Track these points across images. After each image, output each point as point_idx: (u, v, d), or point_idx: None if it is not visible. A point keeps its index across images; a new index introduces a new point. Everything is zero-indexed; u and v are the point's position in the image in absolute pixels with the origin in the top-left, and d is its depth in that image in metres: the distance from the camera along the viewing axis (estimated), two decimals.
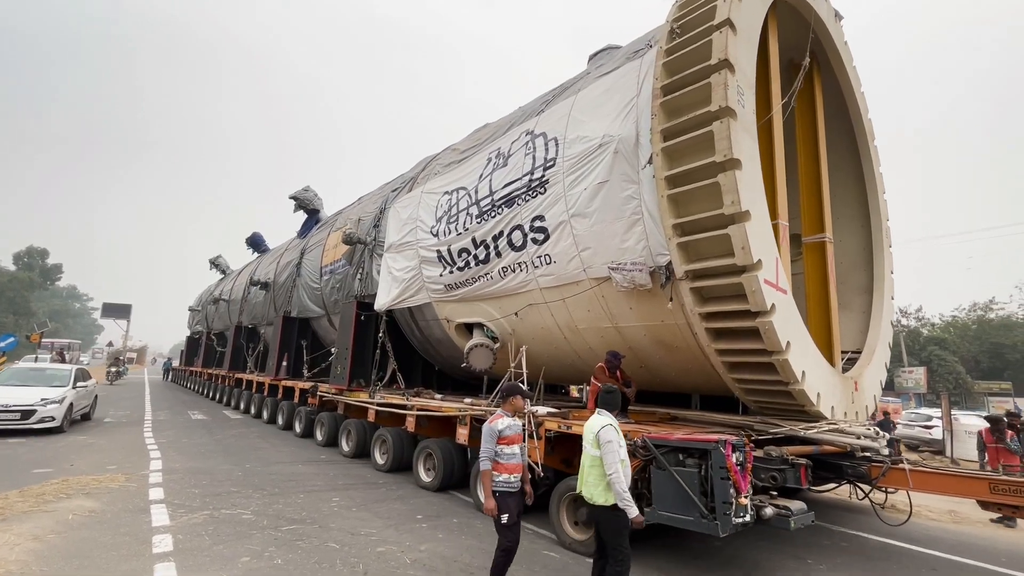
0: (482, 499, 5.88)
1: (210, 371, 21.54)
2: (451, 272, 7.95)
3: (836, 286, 6.93)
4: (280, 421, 12.45)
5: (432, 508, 6.05)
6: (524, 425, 4.58)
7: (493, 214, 7.13)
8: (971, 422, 14.37)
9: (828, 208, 7.04)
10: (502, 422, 3.86)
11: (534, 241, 6.55)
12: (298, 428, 11.39)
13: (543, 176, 6.42)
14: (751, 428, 5.19)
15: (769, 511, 3.95)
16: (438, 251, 8.17)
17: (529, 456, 5.41)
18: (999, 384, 30.08)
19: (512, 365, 6.12)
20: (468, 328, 8.53)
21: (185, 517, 5.22)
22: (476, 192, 7.55)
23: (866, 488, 5.27)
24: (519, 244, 6.77)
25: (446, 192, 8.31)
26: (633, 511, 3.33)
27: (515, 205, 6.80)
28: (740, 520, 3.74)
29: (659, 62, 5.05)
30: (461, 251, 7.71)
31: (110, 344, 43.36)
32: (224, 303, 21.59)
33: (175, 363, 35.49)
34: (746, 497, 3.78)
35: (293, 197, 15.33)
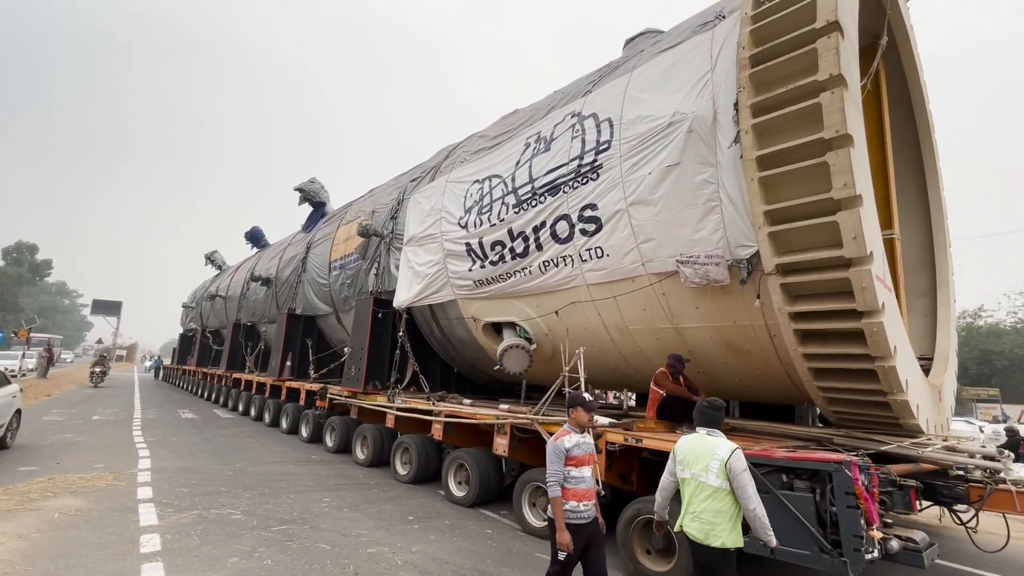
0: (531, 521, 5.32)
1: (205, 370, 20.73)
2: (482, 267, 7.32)
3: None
4: (284, 424, 11.74)
5: (424, 510, 6.00)
6: (595, 443, 3.99)
7: (534, 203, 6.52)
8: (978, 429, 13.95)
9: (895, 203, 6.52)
10: (569, 439, 3.29)
11: (583, 232, 5.95)
12: (305, 432, 10.71)
13: (595, 161, 5.83)
14: (831, 441, 4.64)
15: (895, 544, 3.36)
16: (467, 244, 7.54)
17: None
18: (987, 391, 30.14)
19: (566, 369, 5.51)
20: (495, 328, 7.92)
21: (174, 517, 5.15)
22: (513, 180, 6.94)
23: (962, 511, 4.72)
24: (564, 236, 6.17)
25: (476, 181, 7.70)
26: (774, 540, 2.81)
27: (560, 193, 6.20)
28: (869, 556, 3.16)
29: (744, 30, 4.47)
30: (494, 244, 7.10)
31: (99, 341, 42.18)
32: (221, 300, 20.79)
33: (167, 361, 34.48)
34: (878, 529, 3.21)
35: (299, 189, 14.63)
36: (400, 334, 8.57)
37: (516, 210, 6.76)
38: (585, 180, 5.92)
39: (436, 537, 5.04)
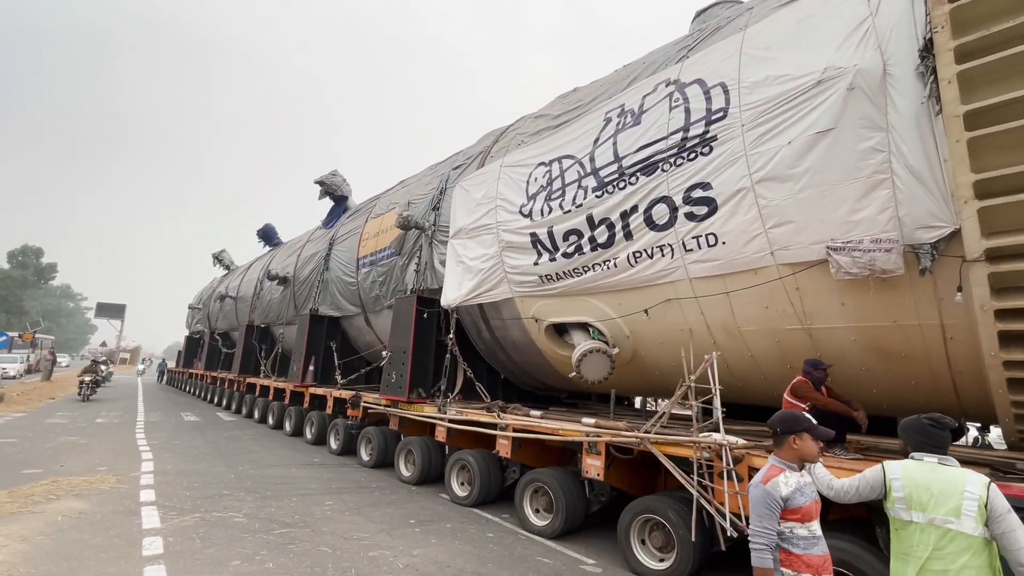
0: (644, 561, 4.35)
1: (213, 374, 19.82)
2: (552, 260, 6.44)
3: None
4: (309, 434, 10.85)
5: (425, 513, 6.04)
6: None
7: (621, 185, 5.66)
8: None
9: None
10: (786, 481, 2.41)
11: (690, 217, 5.08)
12: (334, 444, 9.81)
13: (706, 132, 4.96)
14: (1012, 468, 3.79)
15: None
16: (532, 235, 6.67)
17: (716, 500, 3.95)
18: None
19: (691, 379, 4.62)
20: (559, 330, 7.04)
21: (176, 519, 5.20)
22: (592, 160, 6.07)
23: None
24: (663, 221, 5.29)
25: (542, 163, 6.83)
26: None
27: (658, 172, 5.33)
28: None
29: None
30: (568, 233, 6.22)
31: (103, 344, 41.24)
32: (231, 300, 19.90)
33: (171, 364, 33.54)
34: None
35: (320, 182, 13.75)
36: (449, 336, 7.68)
37: (597, 194, 5.88)
38: (692, 155, 5.05)
39: (437, 540, 5.05)
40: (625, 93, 6.14)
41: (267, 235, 19.44)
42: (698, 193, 4.99)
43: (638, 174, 5.51)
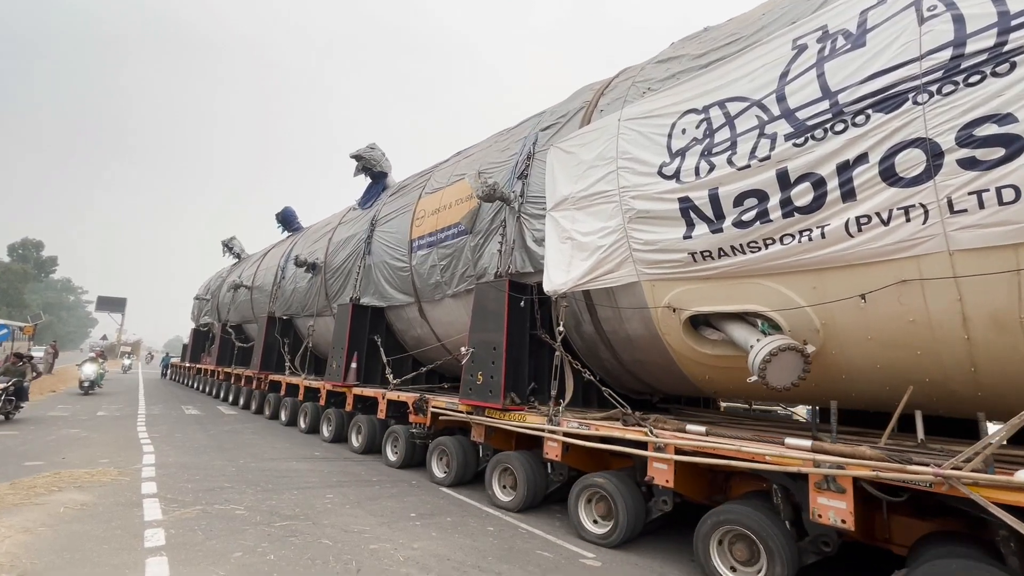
0: None
1: (227, 370, 18.34)
2: (715, 231, 5.02)
3: None
4: (357, 442, 9.42)
5: (425, 506, 6.04)
6: None
7: (838, 127, 4.24)
8: None
9: None
10: None
11: (967, 164, 3.67)
12: (392, 455, 8.39)
13: (1000, 44, 3.55)
14: None
15: None
16: (683, 200, 5.24)
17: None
18: None
19: None
20: (692, 322, 5.65)
21: (178, 512, 5.21)
22: (781, 99, 4.64)
23: None
24: (915, 173, 3.88)
25: (691, 111, 5.39)
26: None
27: (906, 106, 3.91)
28: None
29: None
30: (744, 196, 4.81)
31: (104, 338, 39.56)
32: (245, 290, 18.40)
33: (175, 359, 31.93)
34: None
35: (356, 156, 12.24)
36: (559, 329, 6.24)
37: (796, 142, 4.46)
38: (975, 78, 3.63)
39: (438, 534, 5.07)
40: (824, 13, 4.70)
41: (287, 219, 17.91)
42: (987, 130, 3.57)
43: (868, 111, 4.09)
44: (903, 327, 4.32)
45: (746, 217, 4.80)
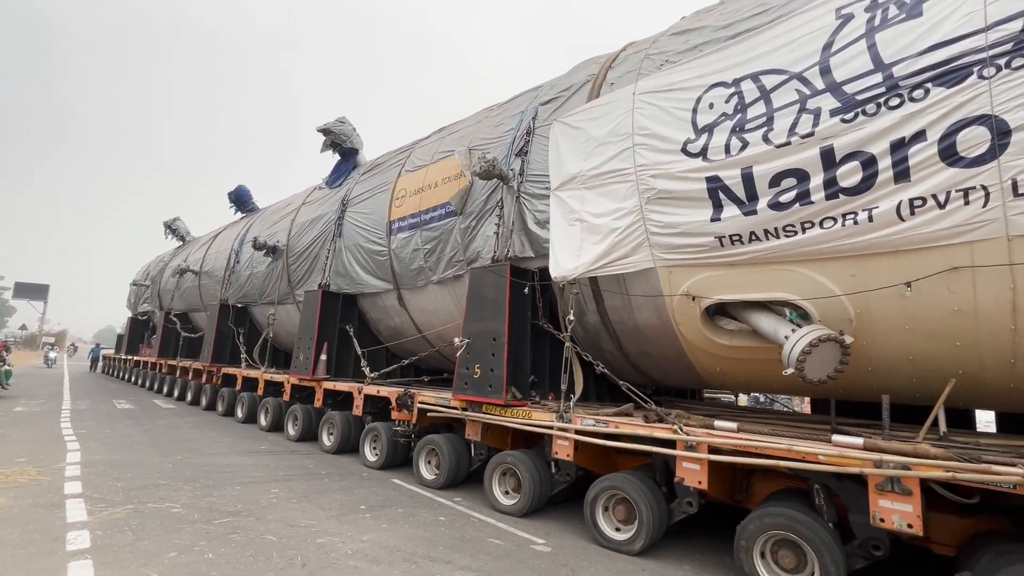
0: None
1: (171, 362, 16.80)
2: (748, 214, 4.67)
3: None
4: (328, 441, 8.64)
5: (376, 499, 5.94)
6: None
7: (893, 102, 3.94)
8: None
9: None
10: None
11: None
12: (371, 455, 7.71)
13: None
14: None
15: None
16: (711, 179, 4.86)
17: None
18: None
19: None
20: (708, 312, 5.34)
21: (105, 512, 4.91)
22: (825, 72, 4.32)
23: None
24: (978, 152, 3.64)
25: (719, 84, 5.00)
26: None
27: (970, 80, 3.65)
28: None
29: None
30: (781, 176, 4.47)
31: (23, 328, 35.54)
32: (192, 275, 16.87)
33: (107, 350, 29.25)
34: None
35: (324, 130, 11.23)
36: (568, 319, 5.76)
37: (844, 117, 4.15)
38: None
39: (388, 526, 5.00)
40: None
41: (241, 199, 16.48)
42: None
43: (928, 85, 3.81)
44: (946, 317, 4.12)
45: (784, 199, 4.46)
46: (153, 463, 6.99)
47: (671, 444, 4.53)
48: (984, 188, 3.66)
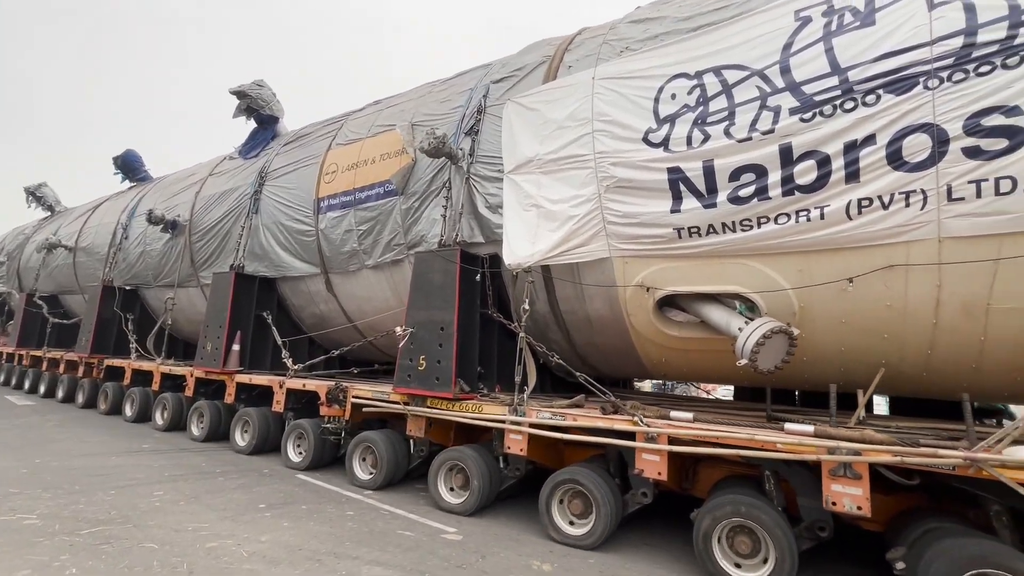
0: None
1: (36, 353, 14.33)
2: (707, 207, 4.71)
3: None
4: (243, 440, 7.75)
5: (278, 496, 5.61)
6: None
7: (847, 105, 4.12)
8: None
9: None
10: None
11: (971, 153, 3.74)
12: (296, 455, 7.01)
13: (1011, 37, 3.63)
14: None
15: None
16: (673, 171, 4.85)
17: None
18: None
19: None
20: (666, 303, 5.40)
21: None
22: (785, 71, 4.43)
23: None
24: (920, 158, 3.90)
25: (681, 75, 4.99)
26: None
27: (916, 89, 3.89)
28: None
29: None
30: (741, 171, 4.55)
31: None
32: (65, 252, 14.44)
33: None
34: None
35: (239, 92, 9.95)
36: (524, 307, 5.50)
37: (803, 116, 4.28)
38: (985, 68, 3.69)
39: (290, 524, 4.76)
40: None
41: (129, 165, 14.31)
42: (995, 120, 3.65)
43: (879, 92, 4.02)
44: (879, 312, 4.43)
45: (743, 193, 4.55)
46: (1, 469, 6.01)
47: (631, 436, 4.47)
48: (923, 192, 3.94)
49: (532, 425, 5.01)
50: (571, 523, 4.69)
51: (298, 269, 8.42)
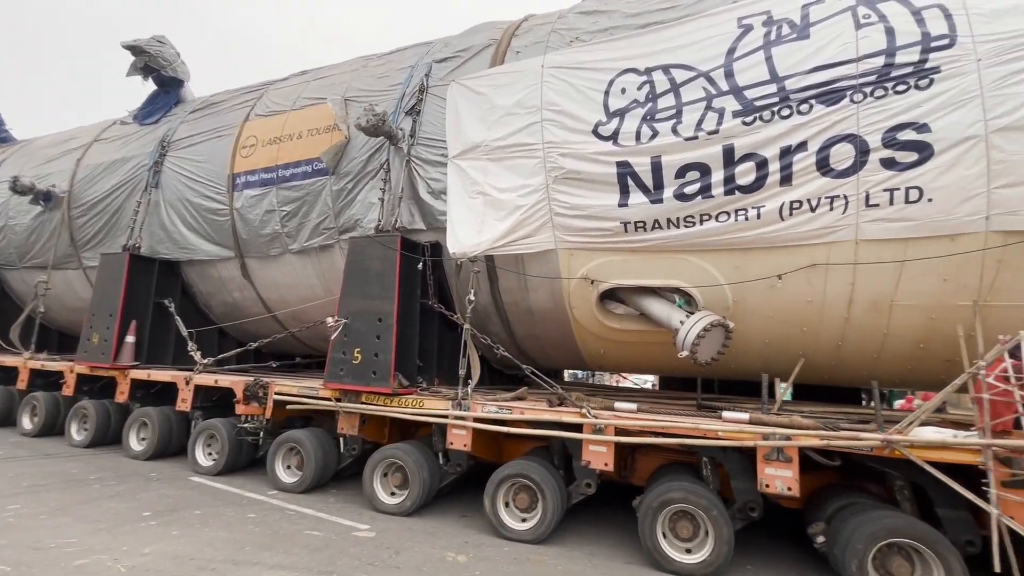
0: None
1: None
2: (654, 202, 4.81)
3: None
4: (139, 445, 6.83)
5: (165, 503, 5.07)
6: None
7: (784, 112, 4.38)
8: None
9: None
10: None
11: (887, 164, 4.12)
12: (205, 459, 6.31)
13: (923, 61, 4.03)
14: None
15: None
16: (621, 165, 4.89)
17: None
18: None
19: (980, 363, 3.61)
20: (608, 297, 5.50)
21: None
22: (729, 75, 4.61)
23: None
24: (844, 166, 4.23)
25: (631, 70, 5.04)
26: None
27: (844, 103, 4.22)
28: None
29: None
30: (687, 168, 4.69)
31: None
32: None
33: None
34: None
35: (134, 48, 8.60)
36: (468, 298, 5.29)
37: (745, 120, 4.48)
38: (902, 87, 4.07)
39: (181, 532, 4.34)
40: None
41: None
42: (908, 135, 4.05)
43: (812, 102, 4.31)
44: (800, 307, 4.79)
45: (688, 190, 4.69)
46: None
47: (578, 428, 4.48)
48: (845, 197, 4.29)
49: (477, 419, 4.86)
50: (523, 520, 4.59)
51: (208, 252, 7.55)
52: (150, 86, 9.14)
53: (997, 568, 3.08)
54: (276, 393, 5.87)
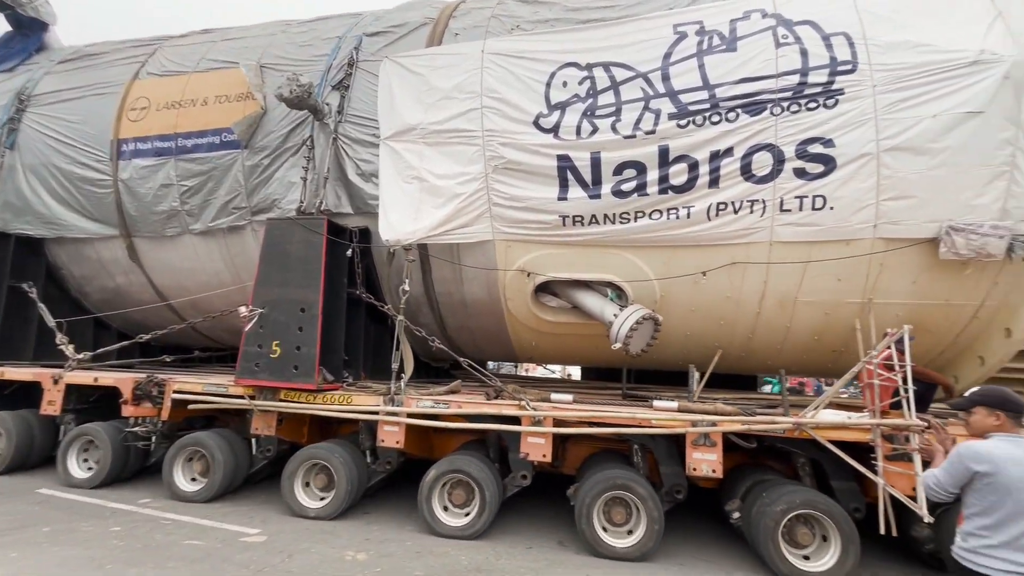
0: None
1: None
2: (592, 197, 4.89)
3: None
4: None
5: (5, 520, 4.40)
6: None
7: (714, 118, 4.64)
8: None
9: None
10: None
11: (799, 173, 4.54)
12: (81, 471, 5.43)
13: (830, 83, 4.47)
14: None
15: None
16: (562, 158, 4.92)
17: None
18: None
19: (873, 353, 4.01)
20: (544, 290, 5.56)
21: None
22: (666, 78, 4.80)
23: None
24: (764, 173, 4.59)
25: (572, 64, 5.06)
26: None
27: (765, 114, 4.57)
28: None
29: None
30: (625, 166, 4.82)
31: None
32: None
33: None
34: None
35: None
36: (403, 288, 5.01)
37: (679, 123, 4.70)
38: (813, 105, 4.50)
39: (21, 554, 3.79)
40: (700, 9, 5.06)
41: None
42: (816, 149, 4.49)
43: (738, 111, 4.62)
44: (720, 302, 5.16)
45: (625, 187, 4.83)
46: None
47: (515, 420, 4.46)
48: (764, 202, 4.66)
49: (411, 415, 4.66)
50: (467, 519, 4.48)
51: (83, 229, 6.46)
52: (4, 26, 7.60)
53: (883, 530, 3.54)
54: (175, 391, 5.19)
